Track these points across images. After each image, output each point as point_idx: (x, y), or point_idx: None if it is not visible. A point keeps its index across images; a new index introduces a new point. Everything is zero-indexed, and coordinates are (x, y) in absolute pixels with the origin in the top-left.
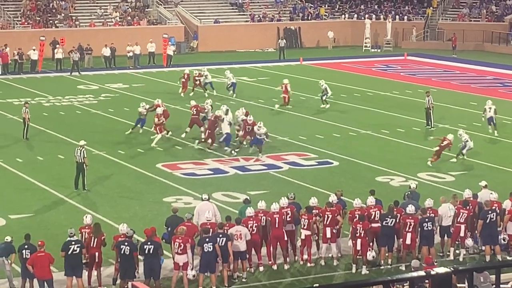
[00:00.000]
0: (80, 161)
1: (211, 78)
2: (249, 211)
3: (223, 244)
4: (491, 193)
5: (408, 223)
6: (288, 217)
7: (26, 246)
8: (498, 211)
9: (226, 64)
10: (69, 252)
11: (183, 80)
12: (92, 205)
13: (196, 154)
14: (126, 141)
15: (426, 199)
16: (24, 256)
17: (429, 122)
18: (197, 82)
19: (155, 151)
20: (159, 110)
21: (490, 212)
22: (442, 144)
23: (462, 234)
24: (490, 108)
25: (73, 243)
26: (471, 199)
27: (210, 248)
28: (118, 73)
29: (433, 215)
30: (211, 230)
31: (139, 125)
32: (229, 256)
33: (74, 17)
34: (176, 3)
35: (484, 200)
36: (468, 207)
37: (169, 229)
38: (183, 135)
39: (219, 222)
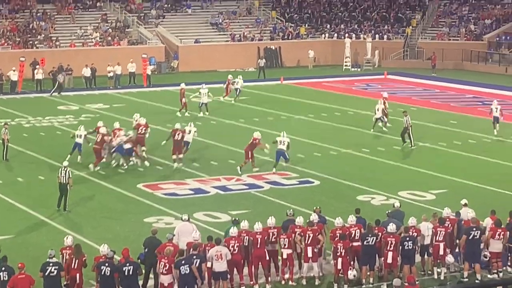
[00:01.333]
0: (64, 181)
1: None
2: (232, 231)
3: (197, 265)
4: (469, 212)
5: (389, 242)
6: (273, 237)
7: (3, 268)
8: (482, 229)
9: (207, 84)
10: (47, 274)
11: (182, 98)
12: (73, 226)
13: (177, 174)
14: (107, 161)
15: (408, 218)
16: (1, 279)
17: (409, 141)
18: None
19: (136, 172)
20: (103, 130)
21: (474, 229)
22: None
23: (441, 252)
24: (496, 108)
25: (51, 264)
26: (451, 217)
27: (187, 270)
28: (98, 93)
29: (415, 234)
30: (198, 249)
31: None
32: (205, 278)
33: (54, 38)
34: (157, 23)
35: (471, 218)
36: (445, 225)
37: (146, 250)
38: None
39: (194, 244)
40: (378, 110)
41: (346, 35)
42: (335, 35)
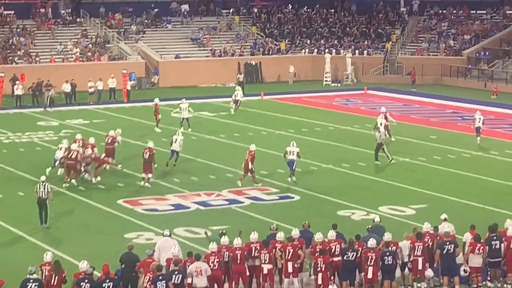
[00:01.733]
0: (43, 196)
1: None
2: (212, 246)
3: (179, 281)
4: (447, 226)
5: (370, 257)
6: (256, 252)
7: None
8: (456, 243)
9: (188, 99)
10: None
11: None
12: (53, 242)
13: (157, 189)
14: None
15: (389, 232)
16: None
17: (387, 156)
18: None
19: (116, 187)
20: (74, 147)
21: (448, 243)
22: None
23: (420, 267)
24: (479, 118)
25: (31, 281)
26: (430, 232)
27: (163, 286)
28: (78, 109)
29: (394, 248)
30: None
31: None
32: None
33: (33, 53)
34: (137, 39)
35: (444, 232)
36: (424, 240)
37: (123, 265)
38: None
39: (174, 259)
40: (381, 124)
41: (326, 50)
42: (315, 50)
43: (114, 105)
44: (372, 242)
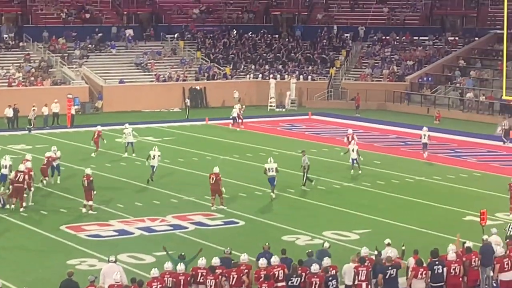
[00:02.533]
0: None
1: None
2: (153, 272)
3: None
4: (390, 251)
5: (314, 282)
6: (201, 278)
7: None
8: (399, 267)
9: (132, 124)
10: None
11: (95, 139)
12: None
13: (101, 215)
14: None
15: (333, 258)
16: None
17: (303, 180)
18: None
19: (59, 213)
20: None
21: (390, 268)
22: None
23: None
24: (425, 135)
25: None
26: (371, 257)
27: None
28: (21, 134)
29: (334, 271)
30: None
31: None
32: None
33: None
34: (80, 63)
35: (386, 257)
36: (365, 264)
37: None
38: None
39: (117, 285)
40: (353, 151)
41: (271, 75)
42: (260, 75)
43: (58, 130)
44: (315, 267)
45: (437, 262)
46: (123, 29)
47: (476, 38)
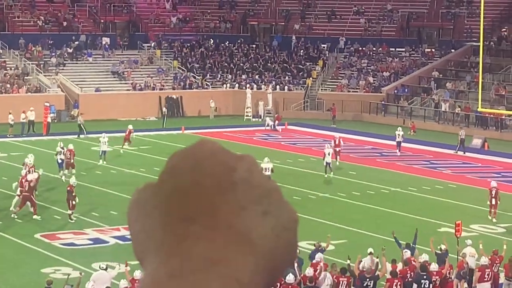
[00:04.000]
0: None
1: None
2: (123, 283)
3: None
4: (370, 261)
5: None
6: None
7: None
8: (378, 278)
9: (108, 133)
10: None
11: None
12: None
13: (76, 223)
14: (2, 210)
15: (306, 268)
16: None
17: None
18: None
19: (33, 221)
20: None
21: (368, 279)
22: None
23: None
24: (399, 134)
25: None
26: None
27: None
28: None
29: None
30: None
31: None
32: None
33: None
34: (57, 71)
35: (367, 267)
36: (347, 275)
37: None
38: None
39: None
40: (329, 154)
41: (248, 85)
42: (236, 85)
43: (33, 138)
44: (289, 278)
45: (424, 276)
46: (100, 38)
47: (453, 50)
